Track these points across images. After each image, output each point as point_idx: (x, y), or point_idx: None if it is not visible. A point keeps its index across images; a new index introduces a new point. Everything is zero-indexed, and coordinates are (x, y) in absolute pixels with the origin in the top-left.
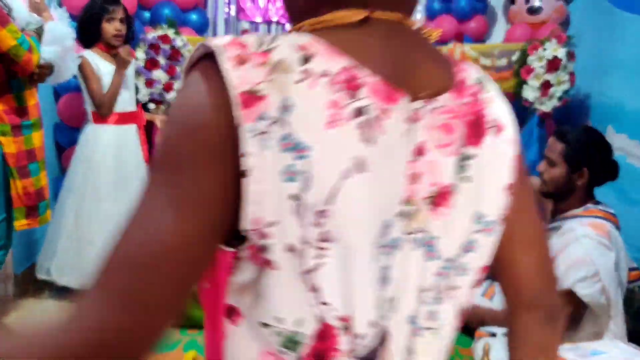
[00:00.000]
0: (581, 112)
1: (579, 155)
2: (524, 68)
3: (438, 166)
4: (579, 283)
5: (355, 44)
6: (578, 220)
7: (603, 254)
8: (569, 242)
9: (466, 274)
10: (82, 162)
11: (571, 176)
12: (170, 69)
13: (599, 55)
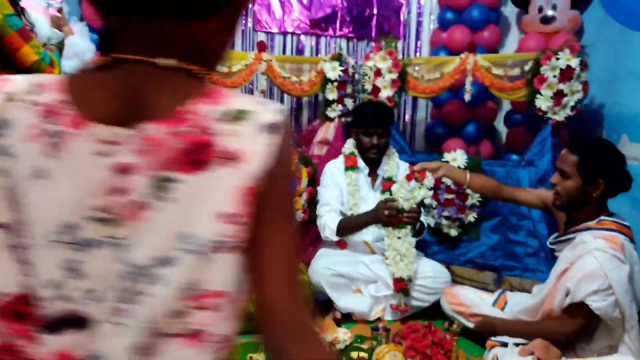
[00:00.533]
0: (595, 121)
1: (594, 167)
2: (537, 77)
3: (136, 184)
4: (591, 296)
5: (87, 83)
6: (591, 233)
7: (616, 267)
8: (582, 254)
9: (160, 284)
10: None
11: (586, 188)
12: None
13: (613, 64)
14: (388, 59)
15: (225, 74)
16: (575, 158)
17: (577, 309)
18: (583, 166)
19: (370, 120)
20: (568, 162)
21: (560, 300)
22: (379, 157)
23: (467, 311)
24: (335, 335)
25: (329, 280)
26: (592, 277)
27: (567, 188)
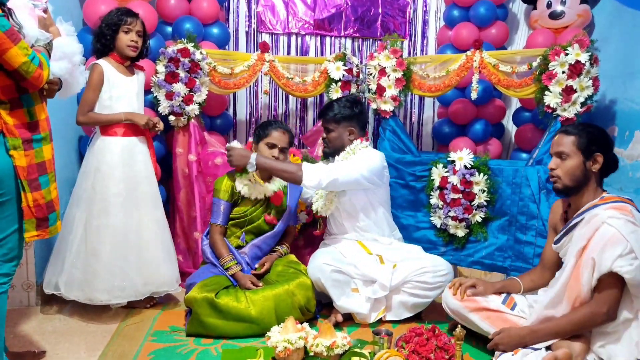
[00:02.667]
0: (606, 118)
1: (592, 142)
2: (545, 74)
3: None
4: (617, 261)
5: None
6: (599, 207)
7: (633, 231)
8: (597, 226)
9: None
10: (90, 173)
11: (585, 164)
12: (189, 82)
13: (625, 59)
14: (392, 57)
15: (228, 75)
16: (572, 137)
17: (607, 281)
18: (581, 143)
19: (320, 114)
20: (565, 143)
21: (588, 277)
22: (329, 151)
23: (475, 305)
24: (334, 340)
25: (329, 277)
26: (613, 243)
27: (568, 168)
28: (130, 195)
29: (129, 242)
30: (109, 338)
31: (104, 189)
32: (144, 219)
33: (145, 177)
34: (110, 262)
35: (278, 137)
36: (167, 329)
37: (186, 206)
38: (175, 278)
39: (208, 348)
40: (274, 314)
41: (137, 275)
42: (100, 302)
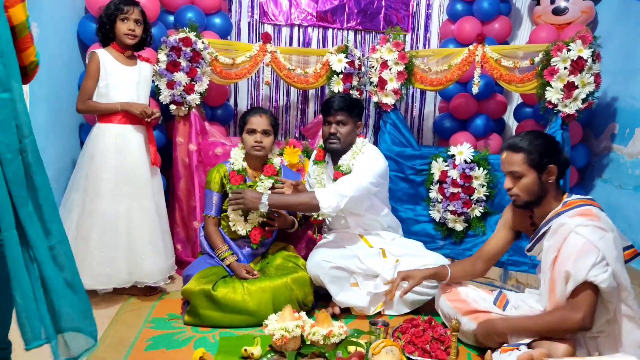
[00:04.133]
0: (607, 114)
1: (542, 156)
2: (547, 69)
3: None
4: (591, 271)
5: None
6: (565, 215)
7: (602, 237)
8: (566, 236)
9: None
10: (86, 160)
11: (541, 178)
12: (191, 71)
13: (629, 56)
14: (394, 50)
15: (230, 66)
16: (521, 155)
17: (582, 289)
18: (532, 159)
19: (328, 107)
20: (515, 162)
21: (562, 288)
22: (338, 147)
23: (466, 307)
24: (330, 329)
25: (328, 273)
26: (585, 253)
27: (524, 186)
28: (122, 183)
29: (118, 230)
30: (107, 324)
31: (96, 175)
32: (134, 208)
33: (139, 166)
34: (97, 247)
35: (256, 122)
36: (165, 317)
37: (186, 195)
38: (161, 271)
39: (205, 335)
40: (271, 306)
41: (124, 263)
42: (86, 287)
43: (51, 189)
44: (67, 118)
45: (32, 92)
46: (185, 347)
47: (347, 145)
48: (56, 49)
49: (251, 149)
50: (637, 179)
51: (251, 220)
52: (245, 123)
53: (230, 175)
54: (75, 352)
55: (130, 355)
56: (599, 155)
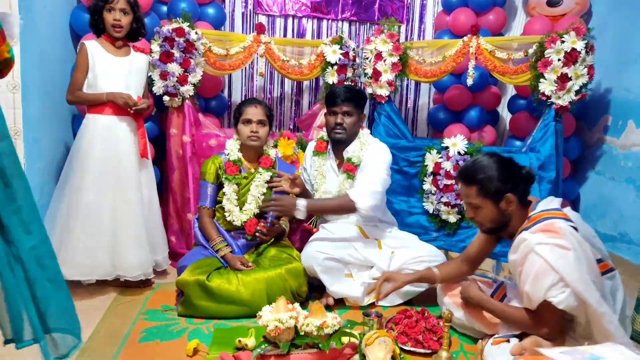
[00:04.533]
0: (601, 106)
1: (495, 187)
2: (541, 61)
3: None
4: (549, 292)
5: None
6: (527, 231)
7: (562, 257)
8: (526, 252)
9: None
10: (75, 151)
11: (499, 207)
12: (184, 62)
13: (622, 48)
14: (389, 42)
15: (223, 57)
16: (474, 187)
17: (545, 309)
18: (485, 192)
19: (334, 98)
20: (470, 194)
21: (527, 304)
22: (344, 137)
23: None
24: (324, 320)
25: (322, 264)
26: (542, 274)
27: (484, 216)
28: (108, 175)
29: (101, 222)
30: (101, 316)
31: (82, 165)
32: (120, 200)
33: (126, 157)
34: (79, 238)
35: (252, 112)
36: (159, 308)
37: (180, 187)
38: (142, 266)
39: (200, 327)
40: (266, 296)
41: (106, 256)
42: (67, 277)
43: (30, 190)
44: (60, 109)
45: (24, 82)
46: (179, 339)
47: (351, 136)
48: (48, 39)
49: (247, 139)
50: (629, 171)
51: (247, 211)
52: (241, 114)
53: (226, 166)
54: (64, 351)
55: (124, 346)
56: (592, 147)
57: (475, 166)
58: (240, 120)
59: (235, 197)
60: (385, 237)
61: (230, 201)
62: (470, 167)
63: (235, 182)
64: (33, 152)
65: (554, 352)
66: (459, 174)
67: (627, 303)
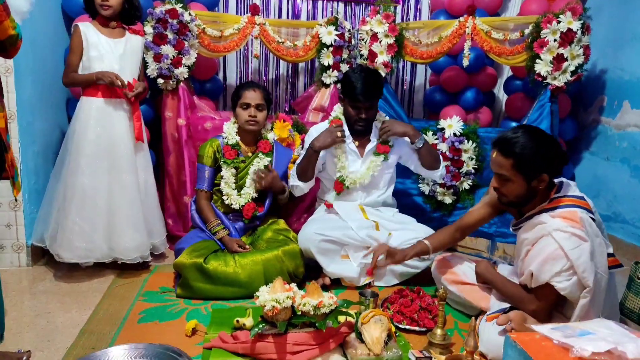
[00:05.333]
0: (596, 87)
1: (533, 165)
2: (537, 41)
3: None
4: (555, 277)
5: None
6: (547, 214)
7: (577, 247)
8: (541, 235)
9: None
10: (70, 133)
11: (530, 184)
12: (178, 44)
13: (618, 29)
14: (385, 22)
15: (217, 38)
16: (511, 160)
17: (543, 289)
18: (521, 167)
19: (359, 95)
20: (504, 166)
21: (527, 280)
22: (365, 129)
23: (456, 279)
24: (320, 300)
25: (318, 246)
26: (554, 259)
27: (512, 190)
28: (103, 158)
29: (97, 205)
30: (100, 298)
31: (77, 148)
32: (115, 183)
33: (121, 140)
34: (75, 222)
35: (250, 96)
36: (158, 290)
37: (176, 170)
38: (139, 248)
39: (198, 308)
40: (263, 278)
41: (103, 239)
42: (65, 260)
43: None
44: (54, 92)
45: (16, 66)
46: (178, 319)
47: (371, 126)
48: (40, 21)
49: (245, 123)
50: (624, 151)
51: (245, 195)
52: (239, 97)
53: (224, 150)
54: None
55: (124, 327)
56: (587, 128)
57: (515, 139)
58: (239, 104)
59: (233, 180)
60: (383, 220)
61: (228, 185)
62: (510, 139)
63: (233, 166)
64: (27, 135)
65: (545, 328)
66: (497, 142)
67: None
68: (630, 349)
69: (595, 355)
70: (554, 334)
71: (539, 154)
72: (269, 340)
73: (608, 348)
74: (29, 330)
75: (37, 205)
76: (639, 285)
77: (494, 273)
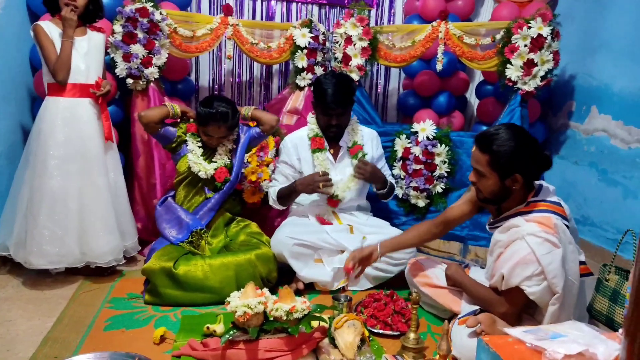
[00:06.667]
0: (565, 92)
1: (506, 164)
2: (508, 47)
3: None
4: (525, 281)
5: None
6: (521, 217)
7: (549, 252)
8: (515, 239)
9: None
10: (35, 135)
11: (504, 183)
12: (148, 43)
13: (587, 35)
14: (359, 26)
15: (189, 38)
16: (487, 157)
17: (513, 293)
18: (495, 164)
19: (329, 103)
20: (480, 161)
21: (498, 284)
22: (339, 135)
23: (429, 282)
24: (293, 305)
25: (291, 250)
26: (525, 263)
27: (486, 186)
28: (71, 159)
29: (68, 208)
30: (65, 304)
31: (43, 150)
32: (85, 185)
33: (90, 141)
34: (46, 226)
35: (214, 131)
36: (125, 296)
37: (145, 173)
38: (113, 251)
39: (167, 314)
40: (235, 283)
41: (75, 242)
42: (35, 267)
43: None
44: (19, 91)
45: None
46: (145, 327)
47: (344, 130)
48: (4, 18)
49: (206, 142)
50: (592, 155)
51: (217, 162)
52: (204, 126)
53: None
54: None
55: (89, 335)
56: (556, 132)
57: (494, 135)
58: (201, 130)
59: (200, 150)
60: (357, 223)
61: (195, 154)
62: (490, 135)
63: (198, 140)
64: None
65: (517, 331)
66: (477, 137)
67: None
68: (601, 351)
69: (567, 357)
70: (526, 337)
71: (516, 154)
72: (240, 347)
73: (580, 350)
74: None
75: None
76: (607, 287)
77: (464, 276)
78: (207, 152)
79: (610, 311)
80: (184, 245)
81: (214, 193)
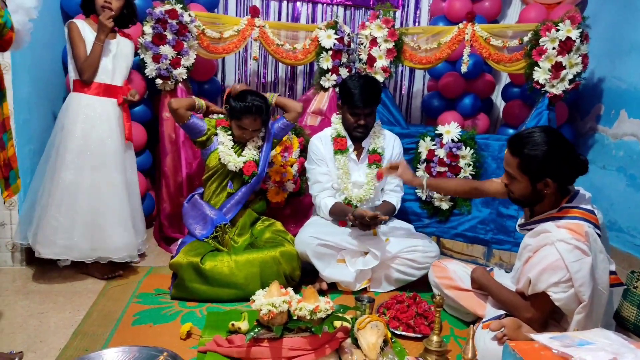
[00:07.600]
0: (593, 95)
1: (537, 168)
2: (536, 49)
3: None
4: (552, 288)
5: None
6: (553, 223)
7: (578, 260)
8: (544, 244)
9: None
10: (57, 130)
11: (535, 186)
12: (177, 45)
13: (616, 38)
14: (384, 27)
15: (217, 40)
16: (517, 160)
17: (539, 298)
18: (525, 168)
19: (357, 102)
20: (511, 164)
21: (525, 288)
22: (364, 135)
23: (453, 284)
24: (317, 304)
25: (315, 250)
26: (553, 269)
27: (517, 189)
28: (88, 155)
29: (78, 202)
30: (94, 298)
31: (63, 144)
32: (100, 181)
33: (108, 138)
34: (53, 217)
35: (248, 123)
36: (153, 292)
37: (172, 171)
38: (128, 247)
39: (193, 310)
40: (259, 280)
41: (83, 237)
42: (42, 256)
43: None
44: (51, 89)
45: (14, 63)
46: (172, 322)
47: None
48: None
49: (239, 137)
50: (620, 160)
51: (246, 155)
52: (239, 119)
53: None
54: None
55: (117, 329)
56: (584, 136)
57: (527, 139)
58: (235, 124)
59: (231, 144)
60: (381, 227)
61: (226, 146)
62: (522, 138)
63: (229, 133)
64: (24, 134)
65: (544, 337)
66: (510, 139)
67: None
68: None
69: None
70: (553, 343)
71: (547, 158)
72: (265, 345)
73: (608, 358)
74: (22, 331)
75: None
76: (635, 295)
77: (490, 279)
78: (237, 147)
79: (638, 319)
80: (210, 242)
81: (237, 189)
